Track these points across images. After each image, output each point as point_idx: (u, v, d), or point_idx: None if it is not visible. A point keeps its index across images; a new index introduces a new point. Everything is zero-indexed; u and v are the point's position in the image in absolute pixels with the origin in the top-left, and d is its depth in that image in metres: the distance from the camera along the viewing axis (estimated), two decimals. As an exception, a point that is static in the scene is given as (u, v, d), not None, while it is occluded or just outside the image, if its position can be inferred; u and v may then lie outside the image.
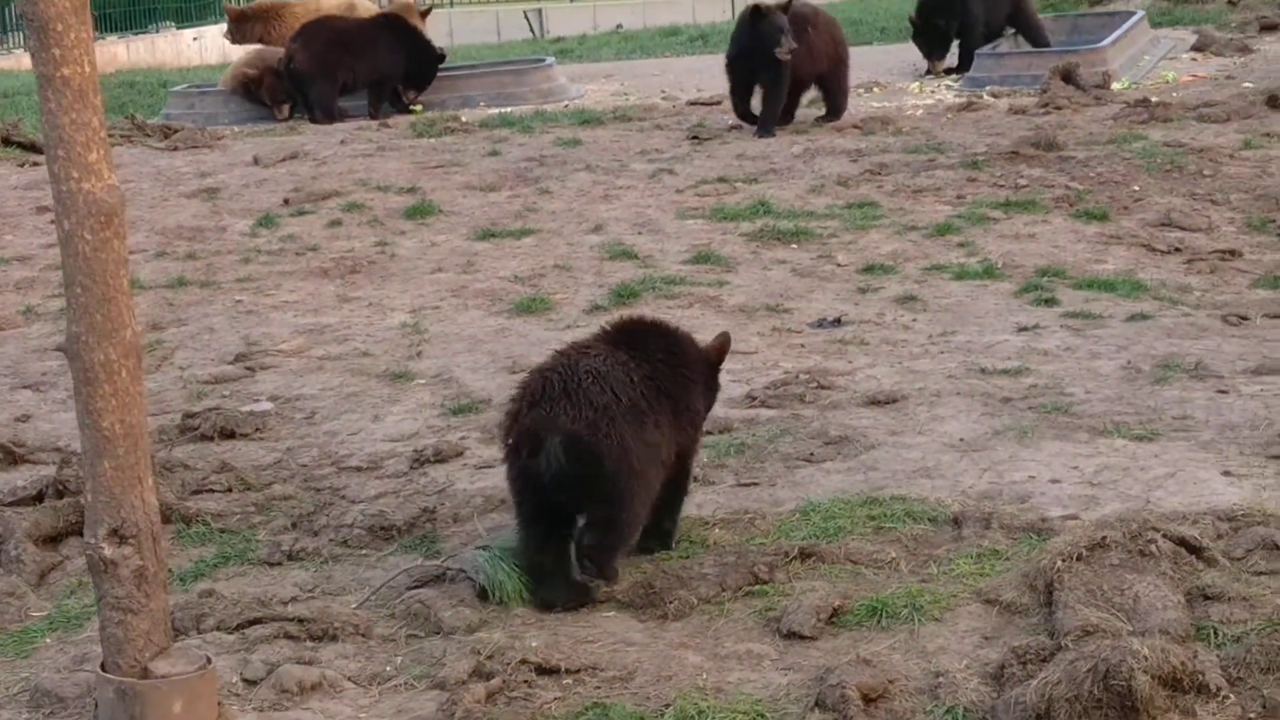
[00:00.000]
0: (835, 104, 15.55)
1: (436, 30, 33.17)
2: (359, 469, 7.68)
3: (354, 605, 6.02)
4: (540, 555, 6.15)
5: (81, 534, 5.45)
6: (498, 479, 7.36)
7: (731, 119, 15.71)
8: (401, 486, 7.42)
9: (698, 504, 6.90)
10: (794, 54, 14.30)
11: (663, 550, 6.45)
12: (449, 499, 7.18)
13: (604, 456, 6.03)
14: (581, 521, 6.16)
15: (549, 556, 6.16)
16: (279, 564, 6.58)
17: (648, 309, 10.08)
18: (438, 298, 10.66)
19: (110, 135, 15.72)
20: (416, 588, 6.12)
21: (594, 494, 6.07)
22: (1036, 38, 18.59)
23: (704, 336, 9.41)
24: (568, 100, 18.42)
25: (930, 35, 17.83)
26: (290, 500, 7.31)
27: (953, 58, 18.32)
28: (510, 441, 6.18)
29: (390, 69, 17.76)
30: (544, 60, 20.15)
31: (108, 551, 4.70)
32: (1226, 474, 6.92)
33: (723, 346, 6.88)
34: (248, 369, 9.37)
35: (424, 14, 19.55)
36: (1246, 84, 16.19)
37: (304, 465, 7.79)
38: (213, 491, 7.44)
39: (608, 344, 6.50)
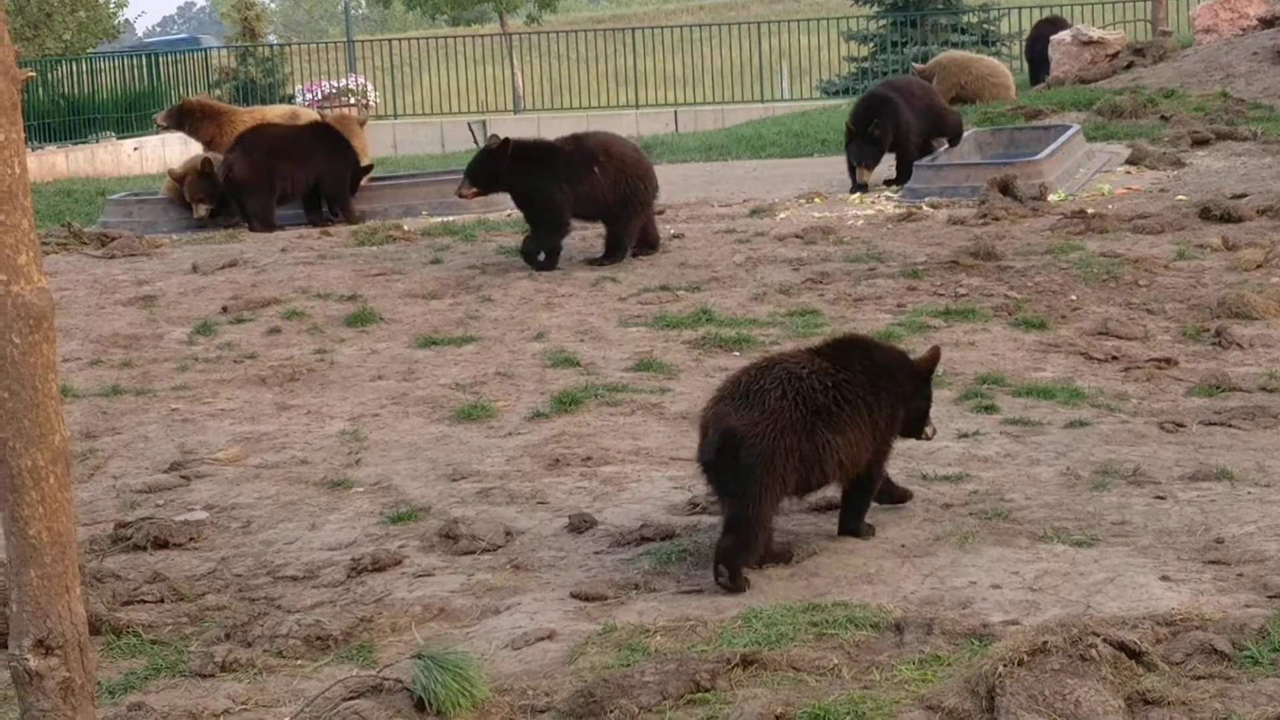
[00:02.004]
0: (610, 245, 14.45)
1: (380, 141, 33.27)
2: (295, 578, 7.57)
3: (288, 717, 5.90)
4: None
5: (5, 645, 5.32)
6: (436, 588, 7.28)
7: (673, 228, 15.71)
8: (338, 596, 7.31)
9: (639, 611, 6.82)
10: (576, 190, 13.87)
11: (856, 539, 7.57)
12: (387, 608, 7.07)
13: (747, 452, 7.07)
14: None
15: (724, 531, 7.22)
16: (212, 675, 6.45)
17: (591, 415, 10.04)
18: (378, 405, 10.57)
19: (46, 243, 15.62)
20: (352, 699, 5.99)
21: (735, 485, 7.13)
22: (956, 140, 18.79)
23: (646, 444, 9.40)
24: (510, 209, 18.36)
25: (864, 142, 17.87)
26: (224, 610, 7.18)
27: (887, 169, 18.39)
28: (702, 424, 7.38)
29: (328, 177, 17.70)
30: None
31: (33, 663, 4.58)
32: (1165, 579, 6.89)
33: (934, 357, 7.96)
34: (183, 478, 9.25)
35: (361, 123, 19.53)
36: (1180, 196, 16.28)
37: (239, 575, 7.67)
38: (144, 602, 7.31)
39: (812, 354, 7.55)
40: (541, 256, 14.18)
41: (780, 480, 7.17)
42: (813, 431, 7.23)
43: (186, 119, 19.55)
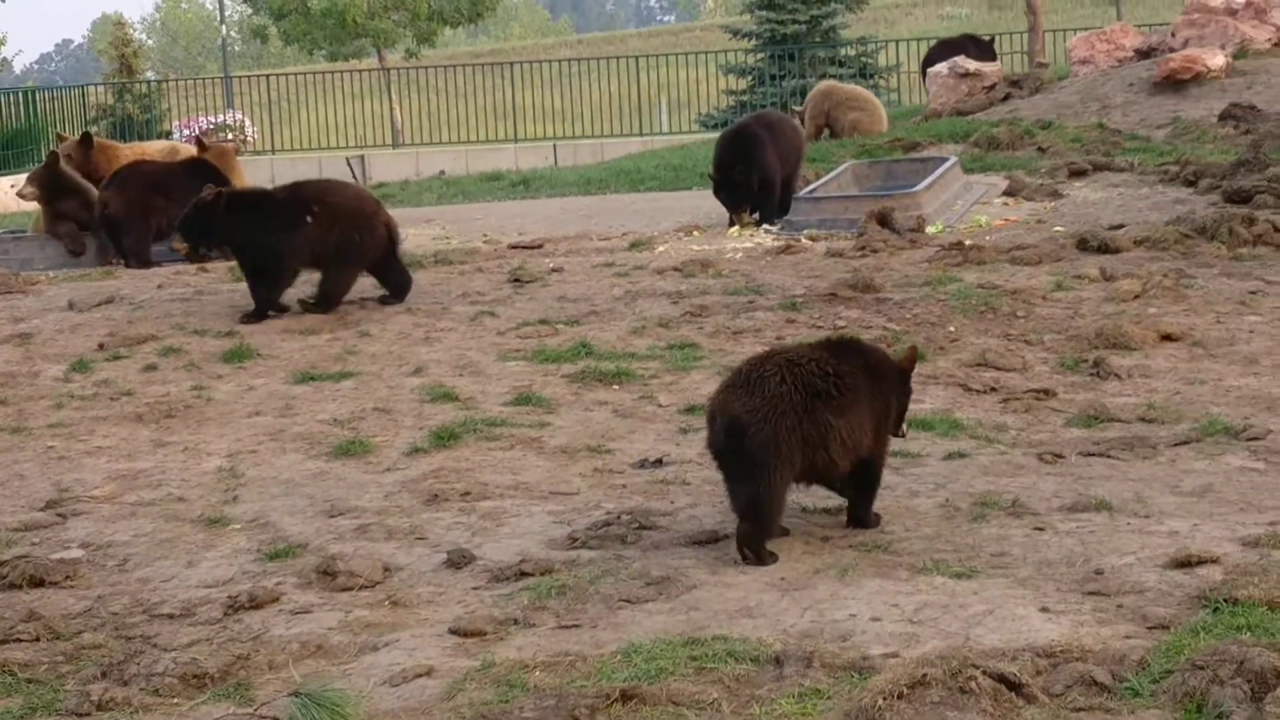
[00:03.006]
0: (320, 295, 14.00)
1: (258, 178, 33.01)
2: (172, 616, 7.49)
3: (163, 756, 5.83)
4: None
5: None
6: (314, 625, 7.24)
7: (551, 262, 15.72)
8: (215, 633, 7.24)
9: (518, 646, 6.80)
10: (293, 239, 13.55)
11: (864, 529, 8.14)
12: (264, 645, 7.02)
13: (751, 437, 7.65)
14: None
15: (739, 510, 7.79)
16: (88, 715, 6.38)
17: (469, 450, 10.01)
18: (255, 441, 10.49)
19: (-83, 280, 15.38)
20: (228, 737, 5.94)
21: (744, 468, 7.70)
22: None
23: (526, 478, 9.39)
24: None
25: (730, 187, 17.89)
26: (100, 649, 7.10)
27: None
28: (711, 412, 7.97)
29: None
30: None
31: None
32: (1044, 610, 6.94)
33: (912, 358, 8.54)
34: (59, 516, 9.15)
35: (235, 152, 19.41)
36: (1057, 228, 16.44)
37: (115, 613, 7.59)
38: (20, 641, 7.22)
39: (810, 347, 8.23)
40: (267, 310, 13.76)
41: (787, 461, 7.73)
42: (813, 413, 7.79)
43: (78, 154, 19.30)
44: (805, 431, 7.76)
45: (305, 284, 13.93)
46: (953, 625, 6.79)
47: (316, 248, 13.65)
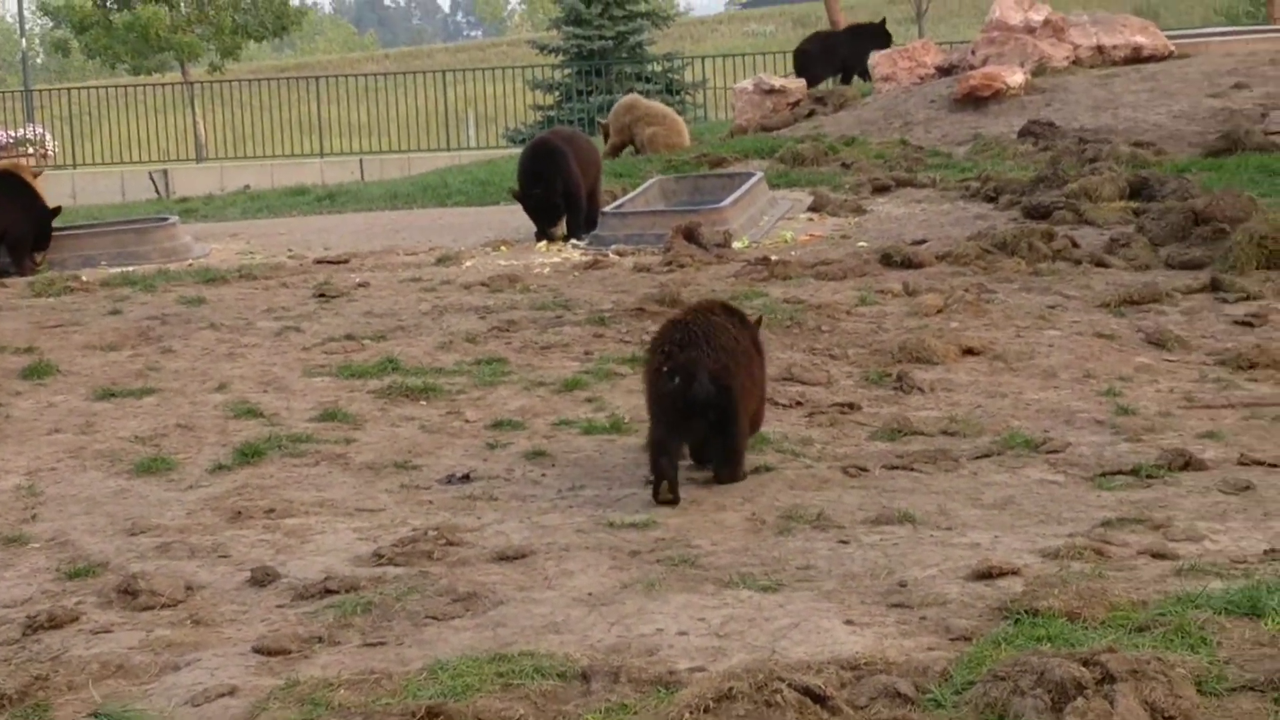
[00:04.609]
0: None
1: (59, 192, 32.56)
2: (-34, 638, 7.33)
3: (-43, 782, 5.70)
4: (668, 461, 8.83)
5: None
6: (114, 644, 7.11)
7: (358, 277, 15.62)
8: (13, 654, 7.09)
9: (322, 665, 6.73)
10: None
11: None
12: (63, 666, 6.88)
13: (732, 388, 8.90)
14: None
15: (671, 463, 8.86)
16: (-123, 741, 6.23)
17: (274, 467, 9.91)
18: (54, 459, 10.30)
19: None
20: (25, 761, 5.82)
21: (722, 415, 8.89)
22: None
23: (331, 495, 9.32)
24: (192, 259, 18.13)
25: (537, 202, 17.89)
26: (-109, 673, 6.92)
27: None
28: (666, 370, 8.87)
29: (12, 227, 17.27)
30: (167, 219, 19.79)
31: None
32: (849, 623, 6.98)
33: (760, 322, 10.01)
34: None
35: (36, 175, 19.07)
36: (861, 243, 16.62)
37: (-93, 636, 7.41)
38: None
39: (712, 311, 9.31)
40: None
41: (746, 409, 9.13)
42: (755, 365, 9.35)
43: None
44: (756, 380, 9.33)
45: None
46: (759, 639, 6.81)
47: None
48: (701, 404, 8.82)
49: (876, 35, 31.17)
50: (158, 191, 39.79)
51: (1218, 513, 8.58)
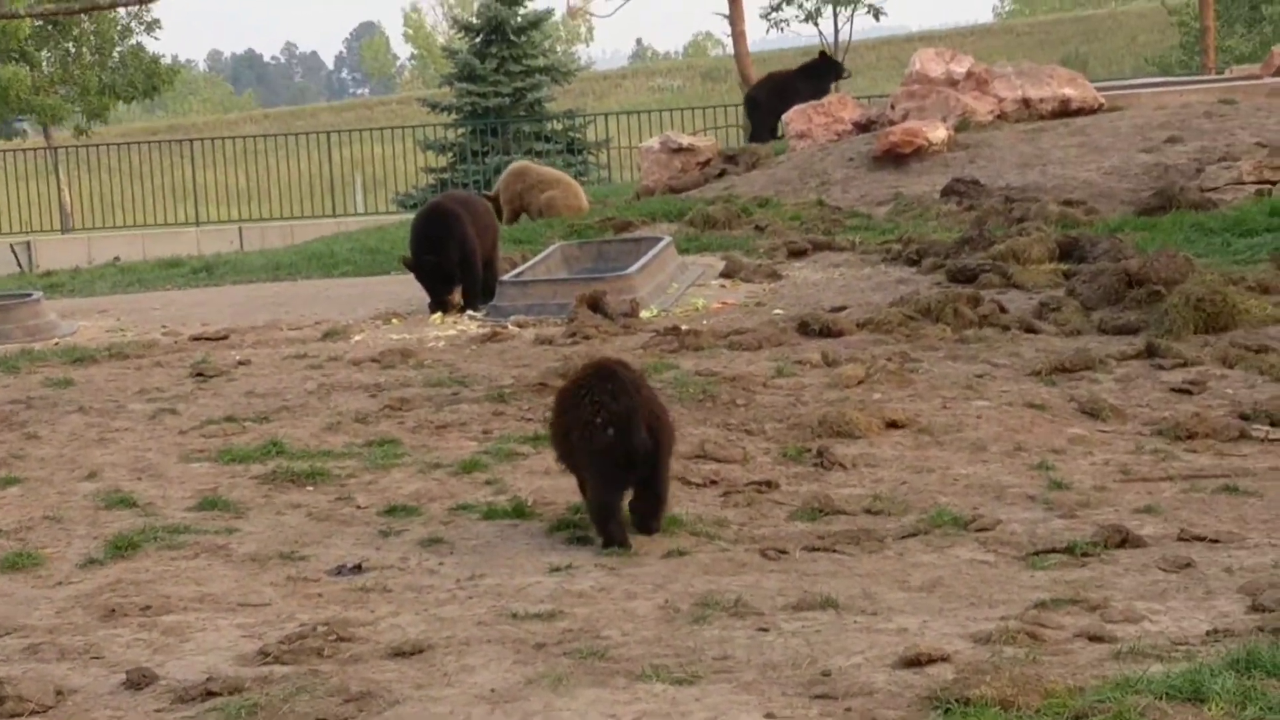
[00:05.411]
0: None
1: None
2: None
3: None
4: (614, 508, 9.69)
5: None
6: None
7: (238, 354, 15.58)
8: None
9: (205, 774, 6.69)
10: None
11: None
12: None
13: (664, 437, 9.73)
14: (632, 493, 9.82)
15: (618, 509, 9.72)
16: None
17: (150, 560, 9.86)
18: (-90, 556, 10.22)
19: None
20: None
21: (655, 464, 9.63)
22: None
23: (212, 589, 9.29)
24: (58, 338, 18.04)
25: (431, 270, 17.91)
26: None
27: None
28: (599, 421, 9.46)
29: None
30: (30, 295, 19.69)
31: None
32: (770, 716, 7.00)
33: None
34: None
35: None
36: (777, 310, 16.72)
37: None
38: None
39: (619, 365, 10.05)
40: None
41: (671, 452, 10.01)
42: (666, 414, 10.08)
43: None
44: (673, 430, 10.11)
45: None
46: (674, 735, 6.82)
47: None
48: (643, 456, 9.48)
49: (828, 69, 31.37)
50: (20, 265, 39.55)
51: (1157, 592, 8.67)
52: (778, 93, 31.38)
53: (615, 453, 9.47)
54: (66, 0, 26.41)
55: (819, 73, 31.76)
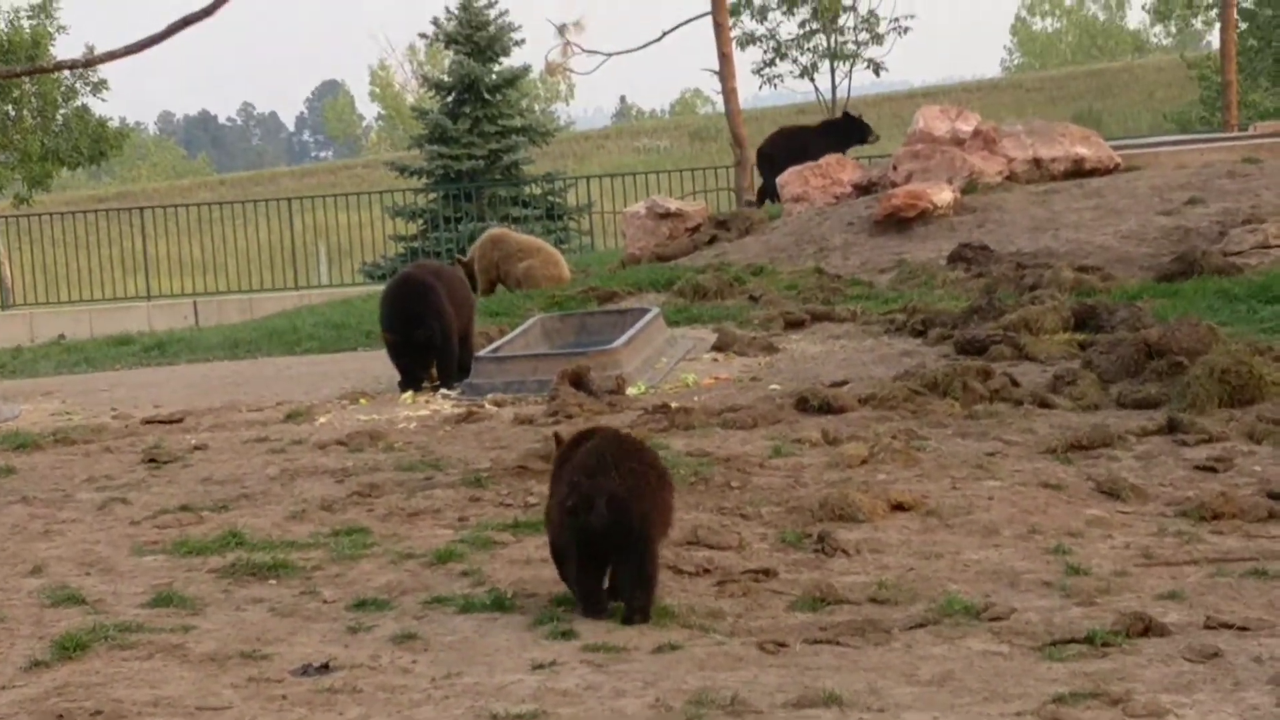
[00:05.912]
0: None
1: None
2: None
3: None
4: (593, 587, 9.96)
5: None
6: None
7: (194, 438, 15.58)
8: None
9: None
10: None
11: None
12: None
13: (634, 514, 9.62)
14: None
15: (597, 586, 9.97)
16: None
17: (100, 662, 9.85)
18: None
19: None
20: None
21: (628, 543, 9.69)
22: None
23: (167, 692, 9.29)
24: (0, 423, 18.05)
25: (410, 347, 17.94)
26: None
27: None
28: (569, 504, 9.68)
29: None
30: (-30, 376, 19.73)
31: None
32: (771, 821, 7.00)
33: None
34: None
35: None
36: (773, 386, 16.75)
37: None
38: None
39: (619, 435, 10.40)
40: None
41: (662, 533, 9.99)
42: (665, 492, 10.08)
43: None
44: (665, 506, 10.02)
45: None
46: (667, 843, 6.81)
47: None
48: (602, 530, 9.64)
49: (851, 129, 31.28)
50: (-42, 344, 39.58)
51: (1183, 684, 8.68)
52: (794, 150, 31.32)
53: (582, 531, 9.70)
54: (6, 63, 26.48)
55: (840, 131, 31.77)
